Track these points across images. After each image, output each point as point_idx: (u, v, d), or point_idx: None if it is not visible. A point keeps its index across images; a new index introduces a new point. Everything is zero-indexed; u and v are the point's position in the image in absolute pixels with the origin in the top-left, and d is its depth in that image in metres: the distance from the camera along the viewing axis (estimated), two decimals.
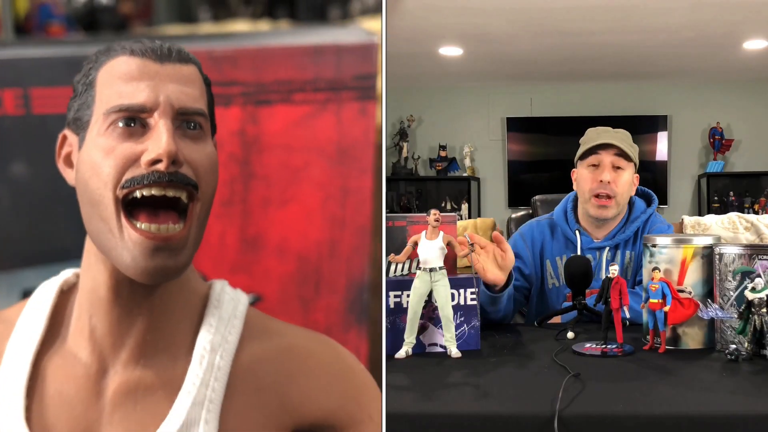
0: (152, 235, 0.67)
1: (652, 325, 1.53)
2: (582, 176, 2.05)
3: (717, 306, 1.47)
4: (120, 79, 0.70)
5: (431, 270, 1.53)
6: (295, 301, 0.96)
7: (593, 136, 2.07)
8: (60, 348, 0.72)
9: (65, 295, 0.76)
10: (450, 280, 1.54)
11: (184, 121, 0.72)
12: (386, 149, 6.84)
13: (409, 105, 7.02)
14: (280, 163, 1.26)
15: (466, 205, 6.92)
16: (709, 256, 1.54)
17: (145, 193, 0.68)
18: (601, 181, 1.99)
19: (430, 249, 1.53)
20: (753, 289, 1.42)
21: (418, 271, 1.54)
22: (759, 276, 1.43)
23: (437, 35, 5.24)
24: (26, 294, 0.88)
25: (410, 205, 6.97)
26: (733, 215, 3.44)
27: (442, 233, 1.54)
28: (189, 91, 0.71)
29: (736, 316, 1.45)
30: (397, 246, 1.65)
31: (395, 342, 1.54)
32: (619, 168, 2.01)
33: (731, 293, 1.48)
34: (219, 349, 0.72)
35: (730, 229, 3.32)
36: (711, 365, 1.44)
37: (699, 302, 1.50)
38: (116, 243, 0.67)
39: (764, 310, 1.41)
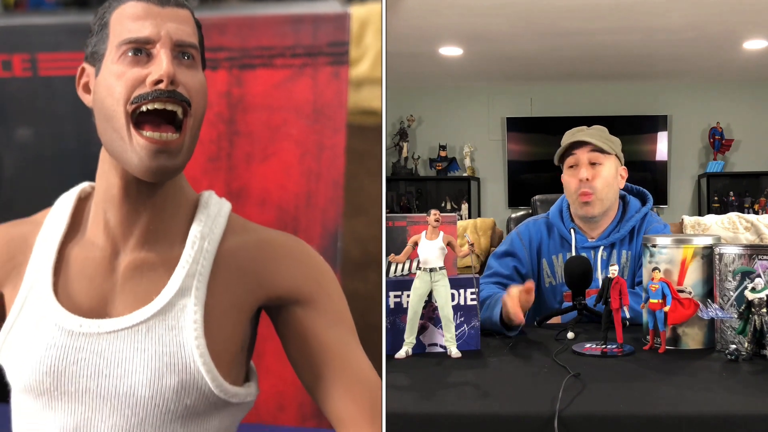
0: (155, 141, 0.85)
1: (652, 325, 1.53)
2: (565, 180, 2.07)
3: (717, 306, 1.47)
4: (129, 18, 0.87)
5: (431, 270, 1.53)
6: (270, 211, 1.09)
7: (567, 137, 2.08)
8: (80, 239, 0.91)
9: (83, 201, 0.95)
10: (450, 280, 1.54)
11: (180, 52, 0.88)
12: (386, 149, 6.83)
13: (409, 105, 7.02)
14: (262, 121, 1.41)
15: (466, 205, 6.92)
16: (709, 256, 1.54)
17: (150, 107, 0.85)
18: (581, 180, 2.00)
19: (430, 249, 1.53)
20: (753, 289, 1.42)
21: (418, 271, 1.54)
22: (759, 276, 1.43)
23: (437, 35, 5.24)
24: None
25: (410, 205, 6.97)
26: (733, 215, 3.44)
27: (442, 233, 1.54)
28: (184, 28, 0.89)
29: (736, 316, 1.45)
30: (397, 246, 1.65)
31: (395, 342, 1.54)
32: (596, 164, 2.01)
33: (731, 293, 1.48)
34: (207, 238, 0.90)
35: (730, 229, 3.33)
36: (711, 365, 1.44)
37: (699, 302, 1.50)
38: (126, 148, 0.85)
39: (764, 310, 1.41)
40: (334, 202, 1.45)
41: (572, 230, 2.05)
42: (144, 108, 0.85)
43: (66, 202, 0.94)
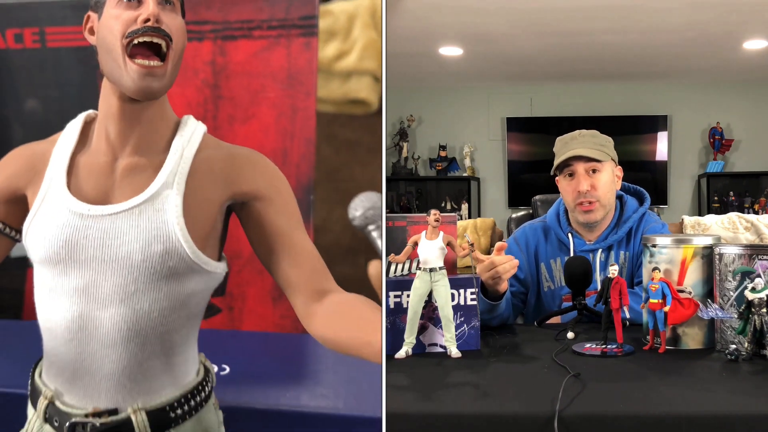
0: (144, 66, 1.08)
1: (652, 325, 1.53)
2: (562, 187, 2.06)
3: (717, 306, 1.47)
4: None
5: (431, 270, 1.53)
6: None
7: (561, 146, 2.06)
8: (87, 150, 1.15)
9: (88, 124, 1.19)
10: (450, 280, 1.54)
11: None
12: (386, 149, 6.83)
13: (409, 105, 7.02)
14: (243, 86, 1.63)
15: (466, 205, 6.91)
16: (709, 256, 1.54)
17: (140, 40, 1.08)
18: (580, 191, 1.98)
19: (430, 249, 1.53)
20: (753, 289, 1.43)
21: (418, 271, 1.54)
22: (759, 276, 1.43)
23: (437, 35, 5.24)
24: None
25: (410, 205, 6.97)
26: (733, 215, 3.44)
27: (442, 233, 1.55)
28: None
29: (736, 316, 1.45)
30: (397, 246, 1.65)
31: (395, 342, 1.54)
32: (595, 171, 2.00)
33: (731, 293, 1.48)
34: (186, 148, 1.14)
35: (730, 229, 3.33)
36: (711, 365, 1.44)
37: (699, 302, 1.50)
38: (122, 74, 1.08)
39: (764, 310, 1.41)
40: (306, 158, 1.68)
41: (570, 234, 2.05)
42: (136, 41, 1.08)
43: (75, 124, 1.19)
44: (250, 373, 1.36)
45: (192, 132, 1.16)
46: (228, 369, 1.33)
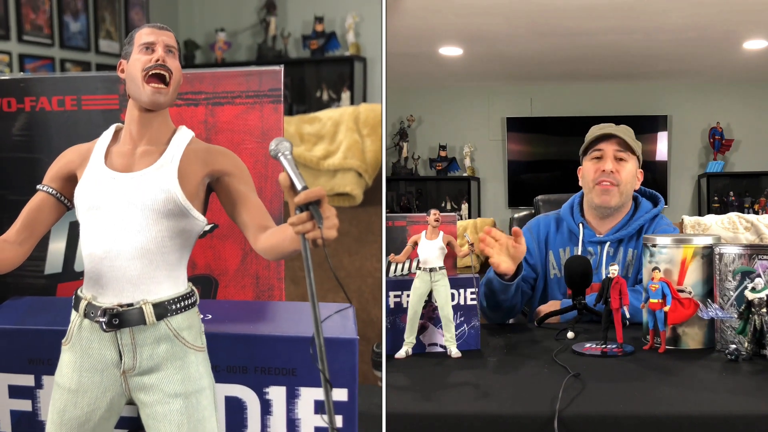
0: (155, 88, 1.58)
1: (652, 325, 1.53)
2: (586, 168, 2.10)
3: (717, 306, 1.47)
4: (144, 34, 1.65)
5: (431, 270, 1.53)
6: (236, 227, 1.65)
7: (595, 130, 2.12)
8: (117, 143, 1.66)
9: (117, 132, 1.69)
10: (450, 280, 1.54)
11: (167, 49, 1.63)
12: (386, 149, 6.83)
13: (409, 105, 7.02)
14: (228, 140, 2.12)
15: (466, 205, 6.91)
16: (709, 256, 1.54)
17: (153, 72, 1.59)
18: (604, 170, 2.03)
19: (430, 249, 1.53)
20: (753, 289, 1.43)
21: (418, 271, 1.54)
22: (759, 276, 1.43)
23: (437, 35, 5.24)
24: (72, 226, 1.91)
25: (410, 205, 6.97)
26: (733, 215, 3.44)
27: (442, 233, 1.55)
28: (170, 39, 1.65)
29: (736, 316, 1.45)
30: (397, 246, 1.65)
31: (395, 342, 1.54)
32: (621, 159, 2.05)
33: (731, 293, 1.48)
34: (180, 142, 1.63)
35: (730, 229, 3.32)
36: (711, 365, 1.44)
37: (699, 302, 1.50)
38: (141, 93, 1.59)
39: (764, 310, 1.41)
40: (277, 196, 2.15)
41: (581, 224, 2.08)
42: (150, 73, 1.59)
43: (110, 130, 1.69)
44: (226, 317, 1.85)
45: (184, 134, 1.68)
46: (210, 316, 1.83)
